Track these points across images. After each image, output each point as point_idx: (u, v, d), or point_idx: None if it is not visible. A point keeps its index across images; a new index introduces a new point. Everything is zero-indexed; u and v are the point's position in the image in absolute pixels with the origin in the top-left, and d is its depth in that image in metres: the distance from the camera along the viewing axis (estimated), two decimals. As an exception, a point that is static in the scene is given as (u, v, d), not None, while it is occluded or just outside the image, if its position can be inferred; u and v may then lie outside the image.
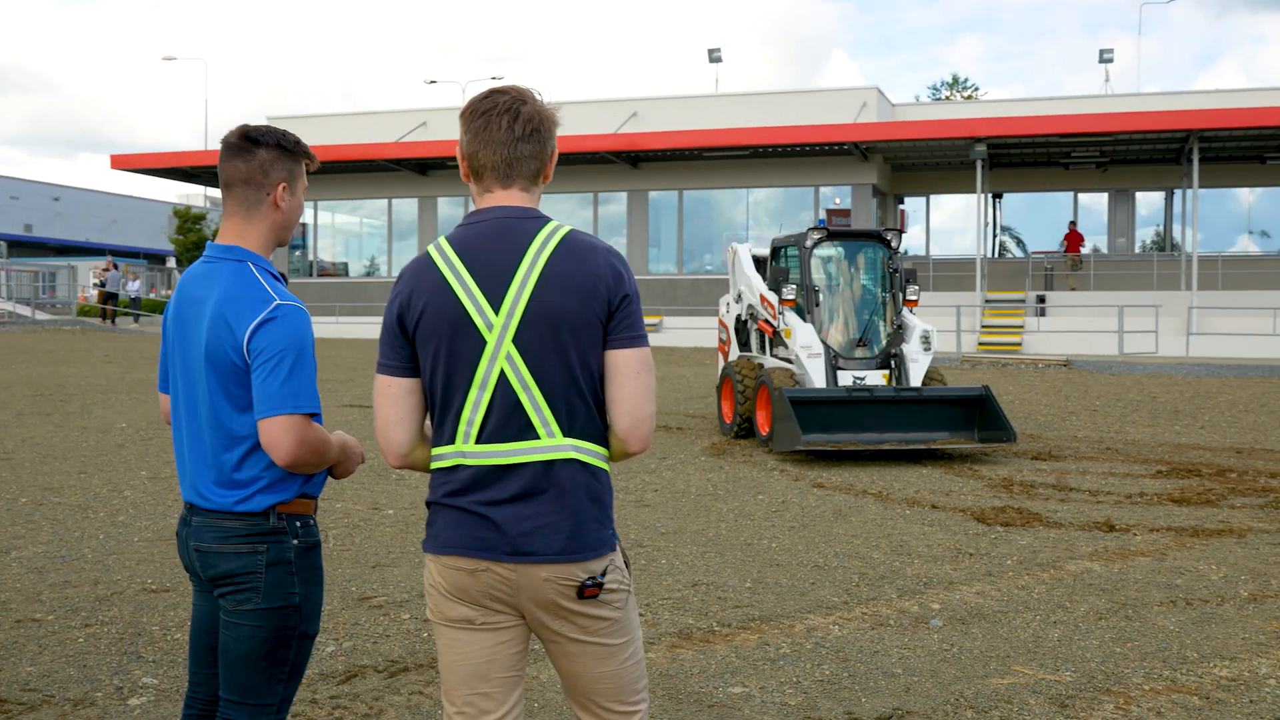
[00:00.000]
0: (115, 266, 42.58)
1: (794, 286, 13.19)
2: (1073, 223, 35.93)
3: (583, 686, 2.83)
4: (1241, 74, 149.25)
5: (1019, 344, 29.67)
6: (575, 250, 2.71)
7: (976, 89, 64.96)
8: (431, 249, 2.76)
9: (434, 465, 2.78)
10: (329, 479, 3.25)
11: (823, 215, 35.02)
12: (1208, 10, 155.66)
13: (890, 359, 13.09)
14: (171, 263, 59.59)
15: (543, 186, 2.85)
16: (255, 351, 2.88)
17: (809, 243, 13.42)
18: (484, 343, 2.67)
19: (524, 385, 2.67)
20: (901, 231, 13.59)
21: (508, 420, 2.68)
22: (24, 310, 42.22)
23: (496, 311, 2.67)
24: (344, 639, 5.80)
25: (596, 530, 2.74)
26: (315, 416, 2.94)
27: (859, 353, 13.26)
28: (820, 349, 12.85)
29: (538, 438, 2.68)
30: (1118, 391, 19.53)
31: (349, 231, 41.41)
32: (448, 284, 2.69)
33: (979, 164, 31.78)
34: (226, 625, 3.02)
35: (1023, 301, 32.87)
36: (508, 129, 2.73)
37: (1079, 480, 10.89)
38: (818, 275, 13.54)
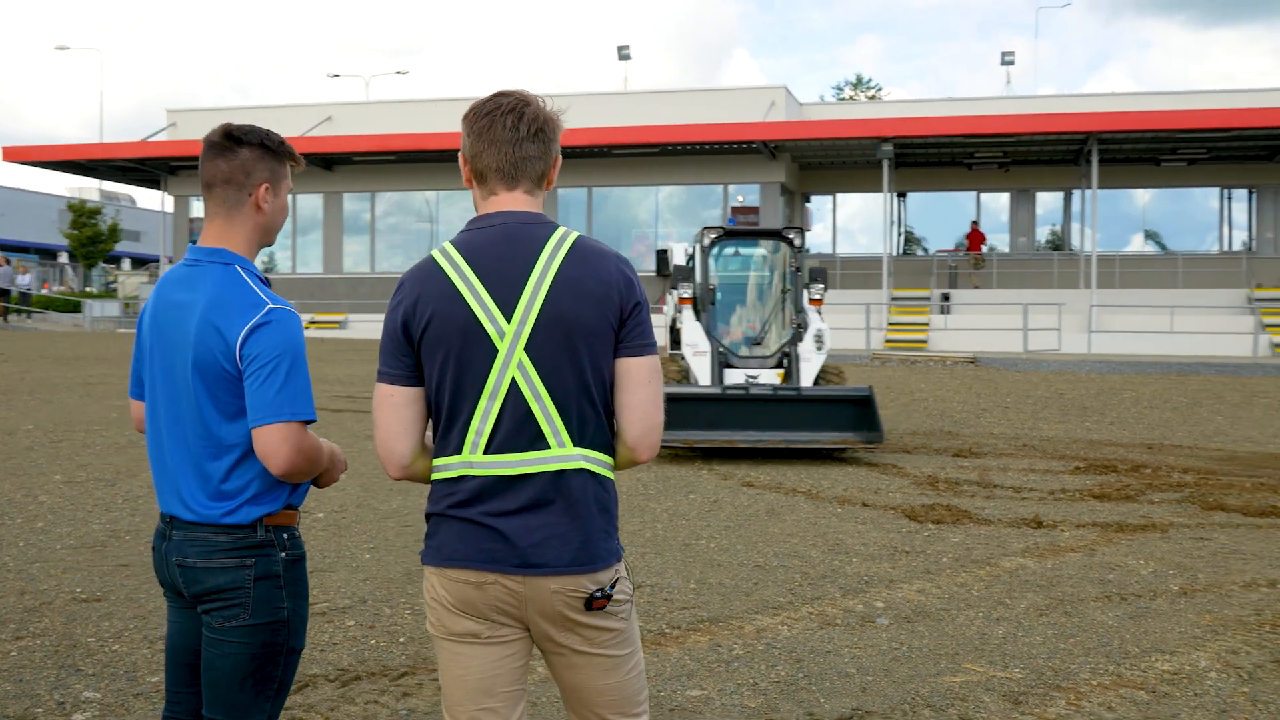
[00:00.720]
0: (8, 262, 41.30)
1: (689, 284, 13.14)
2: (975, 222, 36.63)
3: (586, 699, 2.79)
4: (1130, 77, 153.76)
5: (925, 341, 30.16)
6: (587, 256, 2.67)
7: (879, 89, 65.90)
8: (437, 254, 2.69)
9: (436, 476, 2.72)
10: (312, 488, 3.17)
11: (730, 213, 35.34)
12: (1099, 14, 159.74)
13: (785, 358, 13.02)
14: (64, 257, 57.97)
15: (545, 192, 2.81)
16: (248, 358, 2.79)
17: (705, 241, 13.35)
18: (495, 351, 2.62)
19: (535, 394, 2.62)
20: (803, 230, 13.59)
21: (518, 430, 2.63)
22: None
23: (509, 319, 2.62)
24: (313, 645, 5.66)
25: (604, 541, 2.70)
26: (310, 424, 2.86)
27: (757, 351, 13.21)
28: (707, 347, 12.80)
29: (548, 448, 2.64)
30: (1026, 388, 19.94)
31: (251, 227, 40.61)
32: (457, 291, 2.63)
33: (885, 163, 32.23)
34: (212, 643, 2.92)
35: (928, 299, 33.41)
36: (512, 128, 2.68)
37: (1001, 477, 11.09)
38: (716, 274, 13.45)
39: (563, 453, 2.64)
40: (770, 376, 12.77)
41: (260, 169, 2.98)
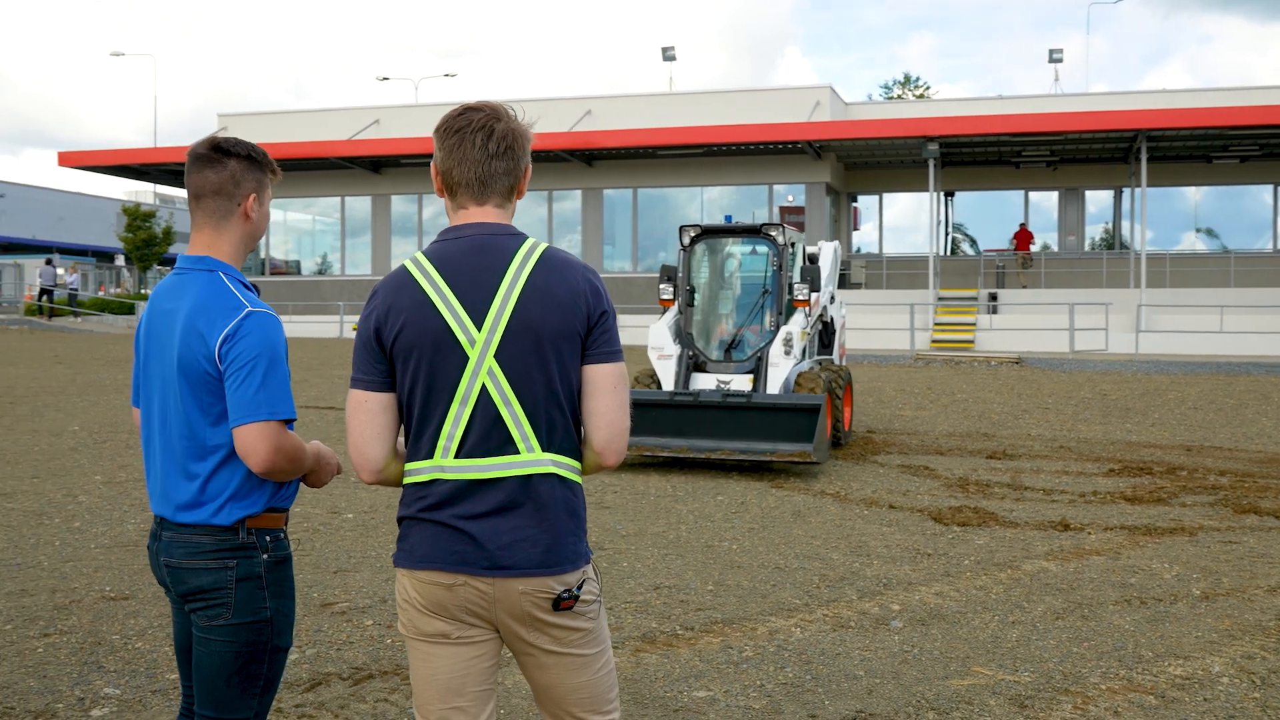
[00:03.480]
0: (49, 263, 42.03)
1: (669, 285, 12.72)
2: (1022, 222, 36.34)
3: (557, 697, 2.86)
4: (1188, 73, 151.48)
5: (971, 341, 29.94)
6: (555, 266, 2.75)
7: (928, 87, 65.46)
8: (409, 264, 2.77)
9: (408, 480, 2.79)
10: (301, 489, 3.25)
11: (779, 214, 35.28)
12: (1156, 9, 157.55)
13: (759, 363, 12.39)
14: (120, 260, 58.84)
15: (516, 203, 2.88)
16: (228, 359, 2.88)
17: (685, 240, 12.88)
18: (466, 358, 2.70)
19: (505, 400, 2.70)
20: (784, 226, 12.67)
21: (488, 435, 2.71)
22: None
23: (479, 327, 2.69)
24: (307, 646, 5.78)
25: (573, 543, 2.77)
26: (290, 423, 2.94)
27: (733, 354, 12.64)
28: (673, 351, 12.36)
29: (517, 452, 2.71)
30: (1069, 389, 19.77)
31: (301, 229, 41.13)
32: (429, 300, 2.71)
33: (931, 163, 32.05)
34: (199, 640, 3.02)
35: (975, 299, 33.17)
36: (481, 146, 2.76)
37: (1034, 479, 11.03)
38: (697, 274, 12.94)
39: (532, 457, 2.72)
40: (743, 382, 12.24)
41: (248, 180, 3.08)
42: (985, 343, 29.82)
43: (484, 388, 2.70)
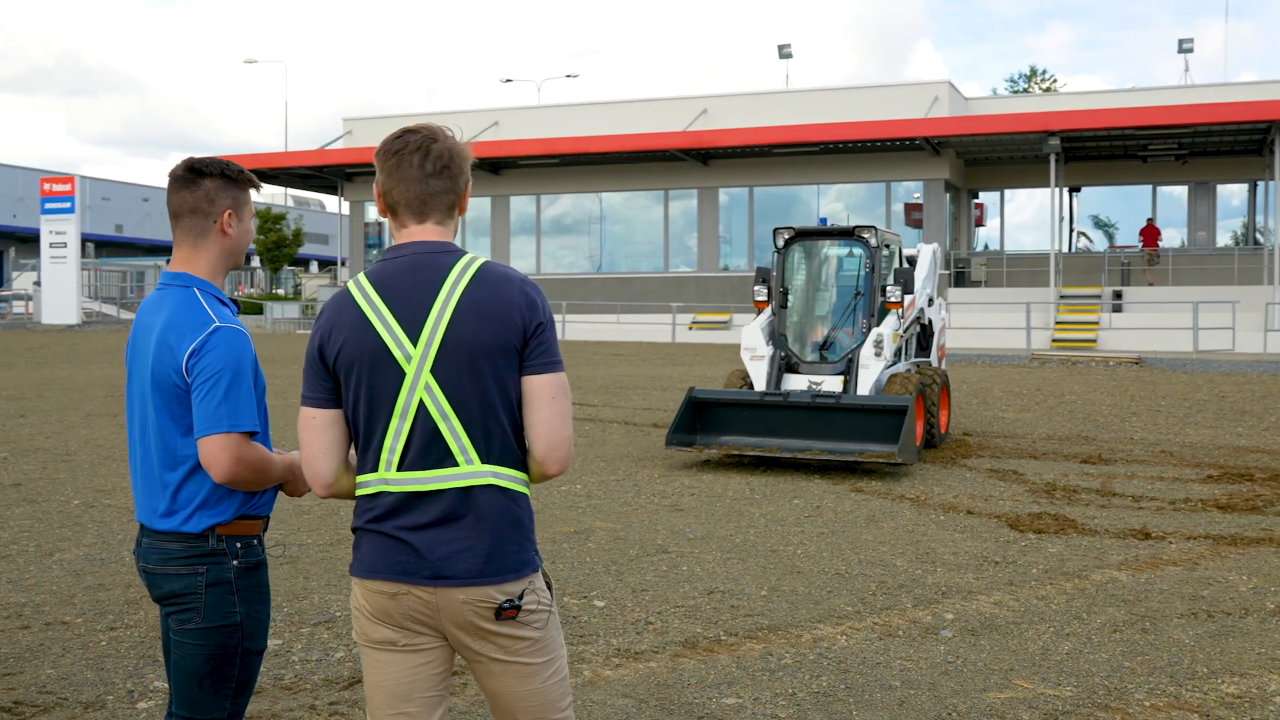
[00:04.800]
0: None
1: (763, 287, 12.86)
2: (1150, 218, 35.30)
3: (506, 705, 2.91)
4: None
5: (1094, 341, 29.20)
6: (490, 281, 2.80)
7: (1055, 80, 63.89)
8: (351, 285, 2.86)
9: (359, 492, 2.88)
10: (280, 496, 3.36)
11: (904, 211, 34.87)
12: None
13: (850, 364, 12.45)
14: (255, 262, 60.68)
15: (458, 219, 2.95)
16: (194, 372, 3.00)
17: (779, 242, 13.05)
18: (403, 374, 2.77)
19: (442, 414, 2.76)
20: (877, 229, 12.75)
21: (427, 448, 2.78)
22: (110, 310, 43.34)
23: (415, 343, 2.76)
24: (353, 645, 5.92)
25: (516, 553, 2.82)
26: (256, 436, 3.05)
27: (825, 356, 12.75)
28: (765, 352, 12.48)
29: (456, 465, 2.78)
30: (1187, 391, 19.17)
31: (423, 230, 41.85)
32: (367, 319, 2.79)
33: (1052, 157, 31.33)
34: (175, 643, 3.15)
35: (1099, 297, 32.32)
36: (419, 166, 2.83)
37: (1125, 485, 10.74)
38: (791, 276, 13.09)
39: (471, 469, 2.78)
40: (834, 383, 12.35)
41: (223, 197, 3.20)
42: (1108, 342, 29.05)
43: (421, 402, 2.76)
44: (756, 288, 12.91)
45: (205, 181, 3.18)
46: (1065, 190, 36.10)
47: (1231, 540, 8.40)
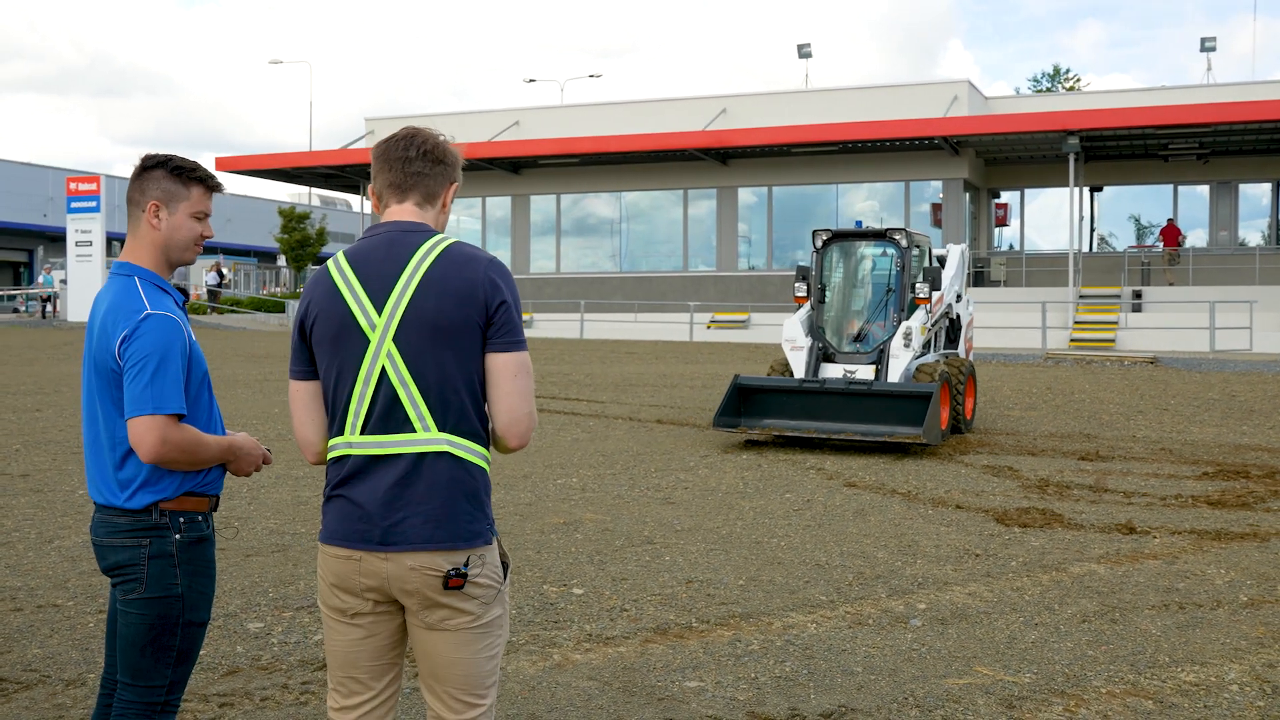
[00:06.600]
0: (217, 266, 44.05)
1: (802, 284, 14.03)
2: (1170, 218, 35.14)
3: (433, 669, 3.02)
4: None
5: (1112, 340, 29.08)
6: (455, 260, 2.96)
7: (1078, 79, 63.59)
8: (330, 262, 3.05)
9: (330, 455, 3.04)
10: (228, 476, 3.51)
11: (922, 210, 34.84)
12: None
13: (882, 355, 13.53)
14: (281, 260, 61.10)
15: (441, 211, 3.11)
16: (125, 357, 3.16)
17: (817, 243, 14.20)
18: (367, 342, 2.94)
19: (402, 381, 2.92)
20: (908, 231, 13.86)
21: (388, 414, 2.94)
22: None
23: (380, 313, 2.93)
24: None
25: (467, 523, 2.95)
26: (184, 418, 3.19)
27: (859, 346, 13.82)
28: (804, 343, 13.59)
29: (414, 431, 2.92)
30: (1198, 390, 19.13)
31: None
32: (338, 290, 2.97)
33: (1072, 157, 31.25)
34: (120, 613, 3.31)
35: (1118, 297, 32.20)
36: (402, 149, 3.04)
37: (1119, 481, 10.78)
38: (828, 274, 14.19)
39: (427, 436, 2.93)
40: (867, 372, 13.40)
41: (153, 189, 3.34)
42: (1126, 342, 28.95)
43: (384, 369, 2.93)
44: (797, 284, 14.11)
45: (146, 174, 3.34)
46: (1086, 190, 35.97)
47: (1216, 535, 8.45)
